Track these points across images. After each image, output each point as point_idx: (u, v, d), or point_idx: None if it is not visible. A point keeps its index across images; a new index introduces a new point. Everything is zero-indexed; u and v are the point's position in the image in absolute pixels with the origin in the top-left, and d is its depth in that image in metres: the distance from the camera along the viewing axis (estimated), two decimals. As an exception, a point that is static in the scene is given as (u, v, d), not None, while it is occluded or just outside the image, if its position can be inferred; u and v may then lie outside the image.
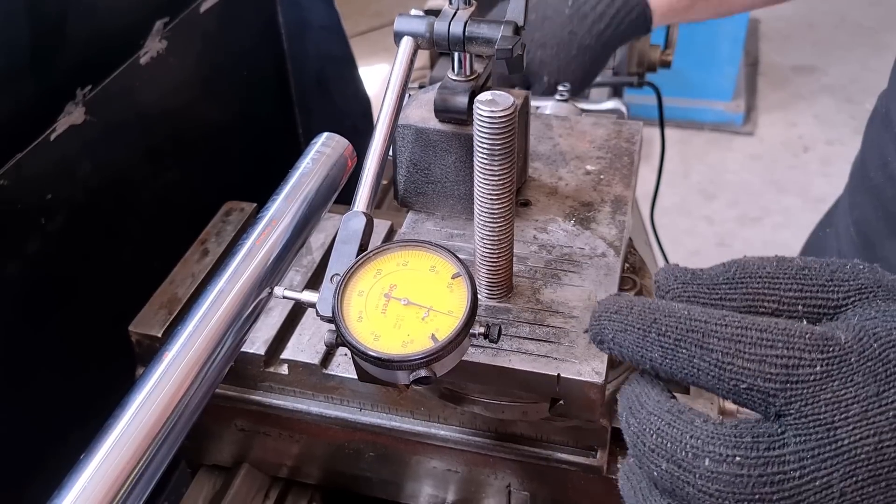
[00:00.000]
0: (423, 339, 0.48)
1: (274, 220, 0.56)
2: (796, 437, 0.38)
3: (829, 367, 0.38)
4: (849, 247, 0.93)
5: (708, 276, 0.44)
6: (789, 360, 0.38)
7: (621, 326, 0.42)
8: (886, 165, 0.84)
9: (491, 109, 0.51)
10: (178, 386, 0.46)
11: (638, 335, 0.41)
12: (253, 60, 1.02)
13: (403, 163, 0.66)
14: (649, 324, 0.41)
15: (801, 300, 0.42)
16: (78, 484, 0.42)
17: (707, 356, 0.39)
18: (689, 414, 0.40)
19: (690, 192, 2.95)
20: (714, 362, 0.39)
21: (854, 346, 0.39)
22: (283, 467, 0.71)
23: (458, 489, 0.66)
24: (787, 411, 0.38)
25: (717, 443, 0.39)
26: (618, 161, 0.72)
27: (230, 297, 0.51)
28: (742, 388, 0.39)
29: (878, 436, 0.37)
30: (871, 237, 0.88)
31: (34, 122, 0.68)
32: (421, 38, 0.62)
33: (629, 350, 0.42)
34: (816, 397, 0.38)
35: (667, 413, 0.40)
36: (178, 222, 0.80)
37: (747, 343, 0.39)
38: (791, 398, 0.38)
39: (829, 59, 3.53)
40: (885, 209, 0.85)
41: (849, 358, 0.38)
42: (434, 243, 0.52)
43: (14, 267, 0.68)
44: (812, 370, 0.38)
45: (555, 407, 0.58)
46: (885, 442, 0.37)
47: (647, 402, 0.41)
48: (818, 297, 0.42)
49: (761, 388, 0.38)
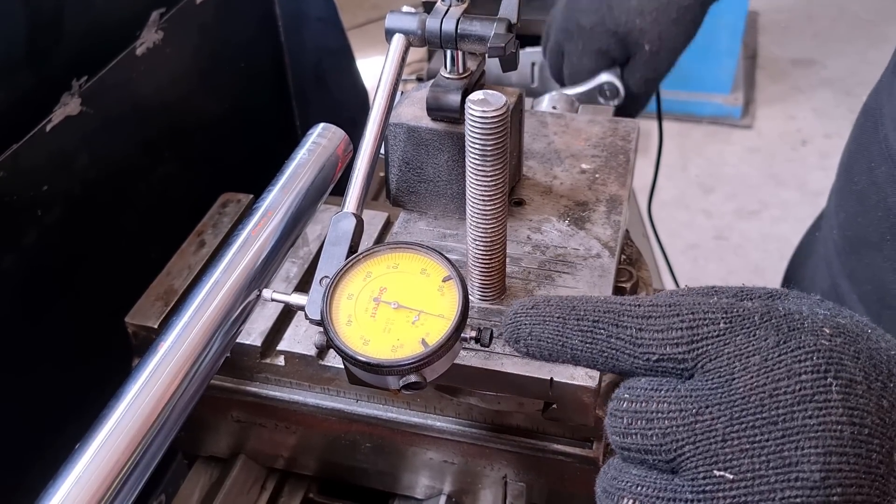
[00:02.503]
0: (413, 343, 0.48)
1: (270, 211, 0.56)
2: (690, 385, 0.38)
3: (732, 324, 0.38)
4: (834, 253, 0.86)
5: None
6: (693, 321, 0.39)
7: (539, 319, 0.42)
8: (871, 170, 0.78)
9: (483, 109, 0.50)
10: (174, 376, 0.46)
11: (557, 324, 0.41)
12: (250, 52, 1.02)
13: (395, 162, 0.66)
14: (568, 311, 0.41)
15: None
16: (73, 474, 0.42)
17: (622, 333, 0.40)
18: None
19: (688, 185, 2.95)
20: (628, 339, 0.40)
21: (759, 309, 0.39)
22: (279, 458, 0.71)
23: (454, 480, 0.66)
24: (694, 372, 0.38)
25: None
26: (613, 160, 0.72)
27: (226, 288, 0.51)
28: (653, 361, 0.39)
29: (773, 383, 0.36)
30: (856, 243, 0.82)
31: (30, 113, 0.68)
32: (413, 36, 0.62)
33: (548, 342, 0.42)
34: (720, 351, 0.38)
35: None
36: (175, 214, 0.80)
37: (657, 316, 0.39)
38: (697, 357, 0.38)
39: (827, 52, 3.53)
40: (869, 216, 0.79)
41: (752, 317, 0.39)
42: (425, 245, 0.52)
43: (10, 259, 0.68)
44: (716, 327, 0.38)
45: (548, 410, 0.58)
46: (780, 388, 0.36)
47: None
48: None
49: (670, 354, 0.39)
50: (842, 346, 0.37)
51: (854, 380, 0.36)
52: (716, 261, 2.66)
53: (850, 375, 0.36)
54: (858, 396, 0.36)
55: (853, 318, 0.40)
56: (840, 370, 0.36)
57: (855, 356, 0.37)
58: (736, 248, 2.70)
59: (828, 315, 0.39)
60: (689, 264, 2.59)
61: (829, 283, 0.86)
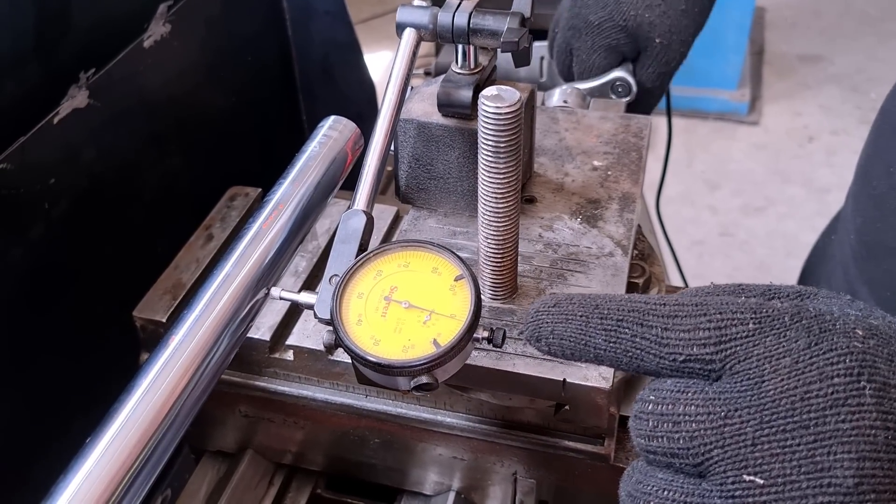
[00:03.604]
0: (424, 343, 0.47)
1: (281, 204, 0.55)
2: (718, 388, 0.37)
3: (761, 325, 0.37)
4: (851, 258, 0.85)
5: None
6: (721, 321, 0.38)
7: (561, 318, 0.41)
8: (891, 174, 0.77)
9: (497, 105, 0.50)
10: (184, 371, 0.46)
11: (580, 322, 0.40)
12: (257, 46, 1.01)
13: (405, 158, 0.65)
14: (591, 310, 0.40)
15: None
16: (83, 468, 0.42)
17: (647, 333, 0.39)
18: None
19: (694, 182, 2.94)
20: (654, 339, 0.39)
21: (789, 310, 0.38)
22: (287, 454, 0.71)
23: (463, 476, 0.66)
24: (722, 374, 0.38)
25: None
26: (625, 157, 0.71)
27: (237, 281, 0.51)
28: (680, 362, 0.38)
29: (805, 386, 0.35)
30: (875, 249, 0.81)
31: (38, 106, 0.68)
32: (424, 30, 0.61)
33: (571, 341, 0.41)
34: (749, 353, 0.37)
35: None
36: (183, 207, 0.80)
37: (683, 316, 0.38)
38: (726, 358, 0.37)
39: (834, 48, 3.51)
40: (888, 220, 0.78)
41: (783, 317, 0.38)
42: (436, 244, 0.51)
43: (18, 252, 0.68)
44: (745, 327, 0.37)
45: (560, 412, 0.58)
46: (812, 392, 0.35)
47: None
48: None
49: (697, 355, 0.38)
50: (875, 349, 0.36)
51: (888, 383, 0.35)
52: (721, 257, 2.65)
53: (883, 379, 0.35)
54: (892, 400, 0.35)
55: (885, 320, 0.39)
56: (874, 373, 0.35)
57: (889, 359, 0.36)
58: (741, 245, 2.69)
59: (859, 316, 0.38)
60: (694, 261, 2.58)
61: (846, 289, 0.85)
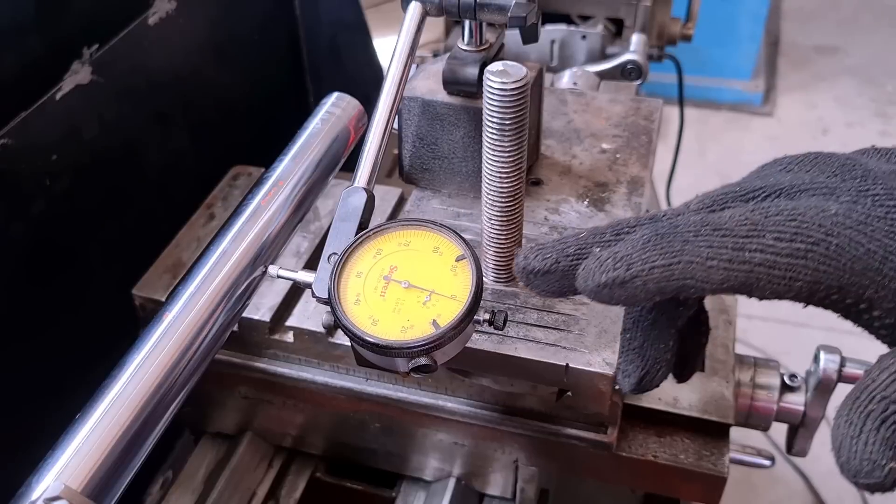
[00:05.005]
0: (423, 324, 0.46)
1: (281, 181, 0.54)
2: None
3: None
4: None
5: None
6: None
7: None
8: None
9: (503, 81, 0.49)
10: (178, 346, 0.45)
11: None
12: (265, 25, 1.00)
13: (409, 137, 0.64)
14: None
15: None
16: (74, 442, 0.41)
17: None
18: None
19: (706, 172, 2.91)
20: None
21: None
22: (286, 437, 0.70)
23: (464, 463, 0.65)
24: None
25: None
26: (635, 140, 0.70)
27: (234, 258, 0.50)
28: None
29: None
30: None
31: (40, 81, 0.67)
32: (429, 4, 0.60)
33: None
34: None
35: None
36: (185, 186, 0.79)
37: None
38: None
39: (851, 40, 3.47)
40: None
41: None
42: (438, 223, 0.50)
43: (19, 227, 0.68)
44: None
45: (562, 398, 0.57)
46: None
47: None
48: None
49: None
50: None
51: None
52: (732, 249, 2.63)
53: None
54: None
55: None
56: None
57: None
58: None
59: None
60: (704, 252, 2.56)
61: None
